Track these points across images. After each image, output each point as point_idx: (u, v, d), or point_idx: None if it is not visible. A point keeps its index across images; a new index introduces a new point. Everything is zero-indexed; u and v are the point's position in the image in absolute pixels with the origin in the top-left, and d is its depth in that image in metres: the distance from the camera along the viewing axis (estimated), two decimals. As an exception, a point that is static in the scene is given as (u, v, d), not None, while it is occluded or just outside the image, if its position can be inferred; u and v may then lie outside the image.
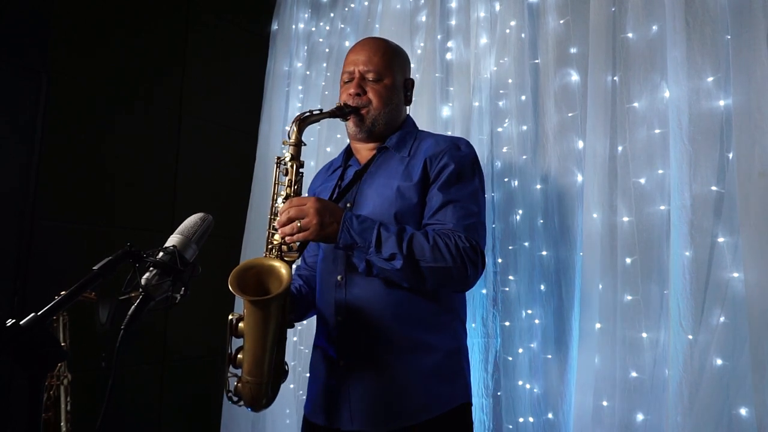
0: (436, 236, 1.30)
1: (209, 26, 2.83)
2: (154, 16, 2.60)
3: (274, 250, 1.33)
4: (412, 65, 2.24)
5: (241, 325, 1.28)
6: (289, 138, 1.38)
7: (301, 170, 1.38)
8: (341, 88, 1.53)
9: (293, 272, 1.68)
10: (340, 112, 1.44)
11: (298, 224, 1.25)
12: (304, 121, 1.39)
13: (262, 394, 1.28)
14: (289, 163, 1.37)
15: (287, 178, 1.37)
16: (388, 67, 1.49)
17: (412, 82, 1.58)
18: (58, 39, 2.26)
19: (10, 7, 2.14)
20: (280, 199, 1.36)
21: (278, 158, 1.40)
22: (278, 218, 1.29)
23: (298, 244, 1.33)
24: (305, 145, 1.40)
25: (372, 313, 1.35)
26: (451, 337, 1.40)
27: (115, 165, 2.42)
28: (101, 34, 2.40)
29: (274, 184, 1.40)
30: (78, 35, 2.32)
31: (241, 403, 1.30)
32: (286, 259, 1.31)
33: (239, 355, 1.29)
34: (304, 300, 1.52)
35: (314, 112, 1.42)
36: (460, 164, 1.41)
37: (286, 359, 1.38)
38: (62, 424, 1.50)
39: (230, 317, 1.30)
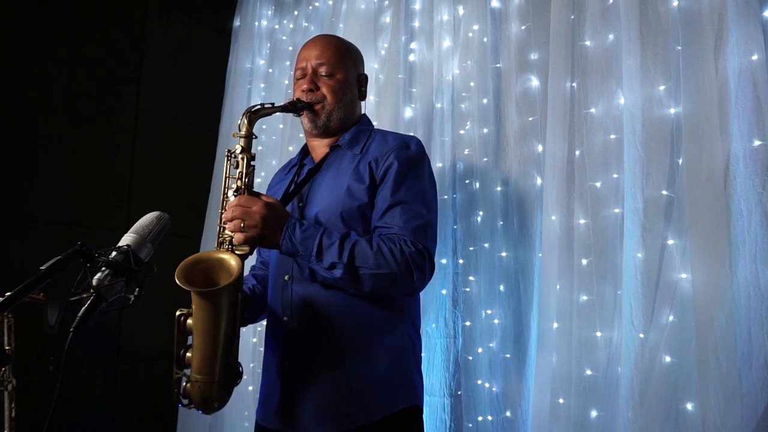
0: (380, 242, 1.28)
1: (168, 20, 2.75)
2: (111, 9, 2.51)
3: (225, 244, 1.30)
4: (375, 65, 2.27)
5: (189, 321, 1.25)
6: (240, 130, 1.35)
7: (252, 162, 1.36)
8: (294, 84, 1.52)
9: (249, 272, 1.66)
10: (293, 108, 1.43)
11: (242, 224, 1.24)
12: (254, 114, 1.37)
13: (213, 394, 1.23)
14: (240, 156, 1.34)
15: (238, 170, 1.34)
16: (340, 62, 1.47)
17: (365, 77, 1.57)
18: (9, 30, 2.16)
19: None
20: (230, 192, 1.34)
21: (228, 151, 1.37)
22: (225, 213, 1.28)
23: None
24: (256, 137, 1.38)
25: (317, 315, 1.34)
26: (399, 340, 1.37)
27: (72, 161, 2.33)
28: (57, 29, 2.30)
29: (225, 177, 1.38)
30: (32, 29, 2.22)
31: (192, 405, 1.25)
32: (237, 252, 1.28)
33: (188, 354, 1.25)
34: (257, 300, 1.50)
35: (266, 106, 1.40)
36: (406, 164, 1.38)
37: (246, 360, 1.35)
38: (6, 431, 1.44)
39: (177, 313, 1.26)
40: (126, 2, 2.57)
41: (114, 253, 1.00)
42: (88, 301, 0.94)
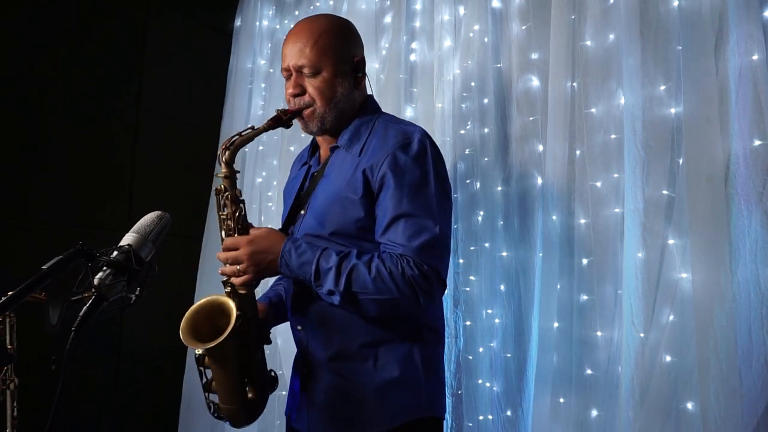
0: (380, 264, 1.20)
1: (168, 20, 2.75)
2: (111, 9, 2.51)
3: (227, 285, 1.31)
4: (376, 65, 2.27)
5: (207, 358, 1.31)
6: (221, 167, 1.28)
7: (240, 198, 1.29)
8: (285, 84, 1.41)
9: None
10: (279, 123, 1.30)
11: (237, 268, 1.26)
12: (232, 148, 1.26)
13: (239, 418, 1.35)
14: (224, 195, 1.29)
15: (226, 211, 1.29)
16: (323, 56, 1.30)
17: (361, 59, 1.38)
18: (9, 30, 2.16)
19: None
20: (223, 233, 1.31)
21: (216, 189, 1.31)
22: (220, 255, 1.30)
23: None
24: (238, 172, 1.32)
25: (325, 324, 1.33)
26: (409, 345, 1.31)
27: (72, 161, 2.33)
28: (57, 29, 2.30)
29: (219, 218, 1.33)
30: (32, 29, 2.22)
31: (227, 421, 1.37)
32: (240, 292, 1.29)
33: (213, 383, 1.33)
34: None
35: (243, 133, 1.27)
36: (407, 168, 1.25)
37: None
38: (8, 430, 1.44)
39: (197, 352, 1.29)
40: (126, 2, 2.57)
41: (115, 253, 1.00)
42: (90, 301, 0.94)
